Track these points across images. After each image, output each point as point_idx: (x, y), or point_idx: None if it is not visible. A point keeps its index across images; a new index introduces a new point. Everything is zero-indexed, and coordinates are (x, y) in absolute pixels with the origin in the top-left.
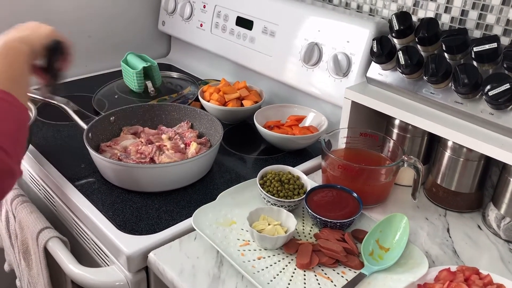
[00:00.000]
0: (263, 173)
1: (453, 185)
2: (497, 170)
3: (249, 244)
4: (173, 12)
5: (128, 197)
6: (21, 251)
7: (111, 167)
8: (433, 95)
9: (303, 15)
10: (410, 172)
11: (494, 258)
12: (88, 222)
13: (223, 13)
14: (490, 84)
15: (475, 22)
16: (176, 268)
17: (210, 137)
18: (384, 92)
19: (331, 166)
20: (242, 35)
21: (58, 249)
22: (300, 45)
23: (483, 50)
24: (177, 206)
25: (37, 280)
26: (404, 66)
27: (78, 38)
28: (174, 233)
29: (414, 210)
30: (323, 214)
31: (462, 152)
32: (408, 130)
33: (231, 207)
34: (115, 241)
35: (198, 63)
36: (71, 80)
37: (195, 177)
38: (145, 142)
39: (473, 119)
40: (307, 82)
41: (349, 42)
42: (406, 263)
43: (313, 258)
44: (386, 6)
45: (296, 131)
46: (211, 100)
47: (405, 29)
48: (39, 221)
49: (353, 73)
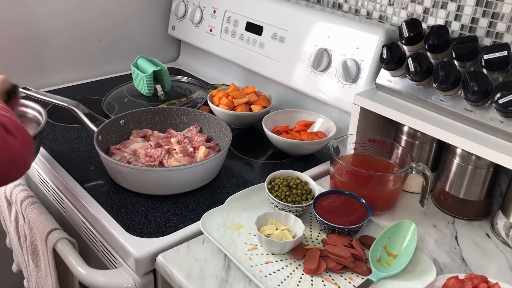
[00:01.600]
0: (271, 178)
1: (462, 193)
2: (506, 178)
3: (256, 248)
4: (183, 17)
5: (137, 199)
6: (29, 252)
7: (120, 169)
8: (442, 102)
9: (312, 21)
10: (419, 179)
11: (502, 266)
12: (96, 224)
13: (233, 18)
14: (500, 92)
15: (485, 30)
16: (184, 271)
17: (218, 141)
18: (393, 99)
19: (339, 172)
20: (252, 41)
21: (66, 251)
22: (310, 51)
23: (493, 58)
24: (186, 210)
25: (45, 281)
26: (413, 73)
27: (89, 41)
28: (182, 236)
29: (422, 217)
30: (331, 220)
31: (471, 159)
32: (417, 137)
33: (239, 211)
34: (123, 243)
35: (208, 67)
36: (81, 83)
37: (204, 181)
38: (154, 146)
39: (483, 126)
40: (316, 88)
41: (359, 49)
42: (414, 270)
43: (321, 264)
44: (396, 13)
45: (305, 136)
46: (220, 105)
47: (415, 36)
48: (48, 223)
49: (362, 79)
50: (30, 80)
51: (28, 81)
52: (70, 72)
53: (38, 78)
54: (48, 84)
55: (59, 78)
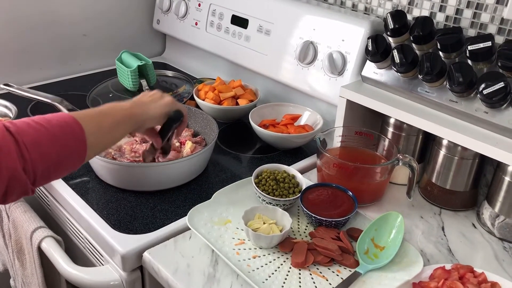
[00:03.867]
0: (258, 172)
1: (448, 184)
2: (491, 168)
3: (244, 243)
4: (168, 11)
5: (122, 196)
6: (15, 251)
7: (105, 166)
8: (428, 93)
9: (298, 13)
10: (405, 170)
11: (488, 256)
12: (82, 221)
13: (218, 11)
14: (485, 83)
15: (470, 20)
16: (170, 267)
17: (205, 136)
18: (379, 91)
19: (326, 165)
20: (237, 34)
21: (52, 249)
22: (295, 44)
23: (478, 49)
24: (172, 205)
25: (31, 279)
26: (399, 65)
27: (73, 36)
28: (169, 232)
29: (409, 208)
30: (318, 213)
31: (456, 150)
32: (403, 128)
33: (226, 206)
34: (109, 240)
35: (193, 61)
36: (65, 78)
37: (190, 176)
38: (139, 141)
39: (468, 117)
40: (302, 81)
41: (344, 41)
42: (401, 262)
43: (308, 257)
44: (381, 4)
45: (292, 129)
46: (206, 99)
47: (400, 28)
48: (33, 221)
49: (348, 71)
50: (13, 76)
51: (11, 78)
52: (54, 68)
53: (21, 74)
54: (31, 80)
55: (43, 74)
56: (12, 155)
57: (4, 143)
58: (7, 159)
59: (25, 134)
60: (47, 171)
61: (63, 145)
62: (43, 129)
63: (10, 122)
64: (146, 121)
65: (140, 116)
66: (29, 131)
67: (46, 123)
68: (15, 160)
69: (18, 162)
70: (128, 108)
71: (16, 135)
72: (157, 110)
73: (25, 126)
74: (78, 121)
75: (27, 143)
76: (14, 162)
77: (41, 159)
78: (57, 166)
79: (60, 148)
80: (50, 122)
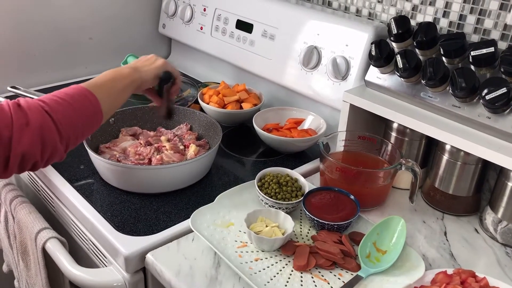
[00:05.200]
0: (261, 175)
1: (451, 189)
2: (494, 173)
3: (246, 245)
4: (173, 15)
5: (126, 198)
6: (19, 252)
7: (109, 168)
8: (431, 98)
9: (302, 18)
10: (408, 175)
11: (490, 261)
12: (86, 223)
13: (223, 16)
14: (488, 88)
15: (473, 26)
16: (173, 269)
17: (209, 139)
18: (382, 96)
19: (329, 169)
20: (242, 38)
21: (56, 250)
22: (300, 49)
23: (481, 54)
24: (175, 208)
25: (35, 280)
26: (402, 70)
27: (79, 40)
28: (172, 234)
29: (411, 213)
30: (321, 216)
31: (459, 155)
32: (406, 133)
33: (229, 209)
34: (113, 242)
35: (198, 65)
36: (71, 81)
37: (194, 179)
38: (144, 144)
39: (471, 122)
40: (306, 85)
41: (348, 46)
42: (403, 266)
43: (310, 260)
44: (385, 10)
45: (295, 133)
46: (211, 103)
47: (404, 33)
48: (38, 222)
49: (351, 76)
50: (20, 79)
51: (18, 80)
52: (60, 70)
53: (27, 77)
54: (38, 83)
55: (49, 77)
56: (53, 131)
57: (46, 123)
58: (50, 136)
59: (57, 111)
60: (75, 138)
61: (86, 116)
62: (69, 104)
63: (43, 101)
64: (142, 84)
65: (138, 81)
66: (59, 108)
67: (69, 98)
68: (55, 135)
69: (57, 136)
70: (128, 75)
71: (52, 114)
72: (149, 73)
73: (55, 104)
74: (93, 93)
75: (61, 119)
76: (54, 137)
77: (72, 131)
78: (82, 134)
79: (85, 118)
80: (73, 97)
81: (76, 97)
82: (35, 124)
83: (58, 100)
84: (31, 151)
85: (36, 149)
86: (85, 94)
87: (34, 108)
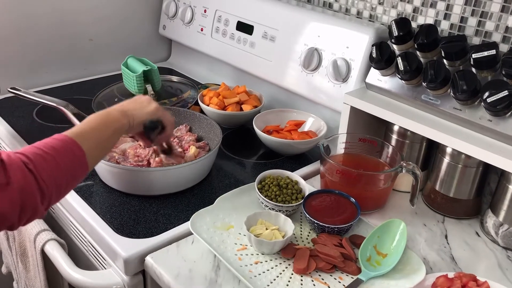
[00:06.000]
0: (261, 177)
1: (452, 192)
2: (495, 177)
3: (246, 248)
4: (174, 17)
5: (126, 200)
6: (18, 254)
7: (109, 170)
8: (432, 101)
9: (303, 20)
10: (409, 178)
11: (491, 265)
12: (85, 225)
13: (224, 17)
14: (489, 91)
15: (474, 29)
16: (173, 272)
17: (209, 141)
18: (383, 98)
19: (330, 171)
20: (243, 40)
21: (55, 252)
22: (300, 50)
23: (482, 57)
24: (175, 210)
25: (34, 282)
26: (403, 72)
27: (79, 41)
28: (172, 237)
29: (412, 216)
30: (321, 219)
31: (460, 158)
32: (407, 136)
33: (229, 211)
34: (112, 244)
35: (198, 67)
36: (71, 83)
37: (194, 181)
38: (143, 145)
39: (472, 125)
40: (307, 87)
41: (349, 48)
42: (404, 269)
43: (310, 263)
44: (386, 12)
45: (295, 136)
46: (211, 104)
47: (405, 35)
48: (37, 224)
49: (352, 78)
50: (20, 80)
51: (18, 81)
52: (60, 72)
53: (27, 78)
54: (37, 84)
55: (49, 78)
56: (34, 193)
57: (28, 184)
58: (31, 198)
59: (42, 169)
60: (57, 196)
61: (71, 172)
62: (54, 160)
63: (26, 157)
64: (130, 129)
65: (126, 126)
66: (44, 165)
67: (54, 153)
68: (36, 197)
69: (39, 197)
70: (116, 120)
71: (35, 172)
72: (138, 119)
73: (40, 160)
74: (79, 145)
75: (45, 179)
76: (36, 199)
77: (56, 189)
78: (65, 190)
79: (69, 175)
80: (58, 152)
81: (62, 152)
82: (16, 185)
83: (43, 155)
84: (7, 214)
85: (14, 212)
86: (71, 148)
87: (15, 165)
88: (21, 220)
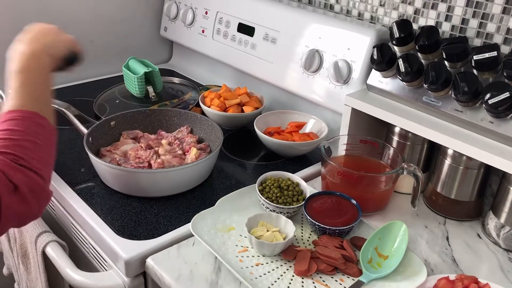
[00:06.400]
0: (262, 179)
1: (453, 193)
2: (497, 178)
3: (247, 250)
4: (175, 18)
5: (127, 201)
6: (19, 255)
7: (110, 171)
8: (433, 103)
9: (304, 22)
10: (410, 179)
11: (493, 267)
12: (86, 227)
13: (225, 19)
14: (490, 93)
15: (476, 30)
16: (173, 274)
17: (210, 143)
18: (384, 100)
19: (331, 173)
20: (244, 42)
21: (56, 253)
22: (301, 52)
23: (483, 59)
24: (176, 212)
25: (35, 284)
26: (404, 74)
27: (81, 42)
28: (173, 239)
29: (413, 218)
30: (322, 221)
31: (462, 160)
32: (408, 137)
33: (230, 213)
34: (113, 245)
35: (200, 68)
36: (72, 84)
37: (195, 183)
38: (144, 147)
39: (473, 127)
40: (308, 89)
41: (350, 49)
42: (405, 271)
43: (312, 265)
44: (387, 14)
45: (296, 137)
46: (212, 106)
47: (406, 37)
48: (38, 225)
49: (353, 80)
50: None
51: None
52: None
53: None
54: None
55: None
56: (39, 183)
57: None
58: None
59: (31, 158)
60: (51, 170)
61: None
62: (34, 144)
63: (13, 155)
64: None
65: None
66: (30, 154)
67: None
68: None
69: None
70: (45, 65)
71: (30, 166)
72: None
73: (25, 151)
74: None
75: (38, 165)
76: (42, 186)
77: (48, 167)
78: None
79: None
80: (30, 133)
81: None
82: (23, 185)
83: (24, 145)
84: (32, 210)
85: (34, 206)
86: (37, 122)
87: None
88: (41, 208)
